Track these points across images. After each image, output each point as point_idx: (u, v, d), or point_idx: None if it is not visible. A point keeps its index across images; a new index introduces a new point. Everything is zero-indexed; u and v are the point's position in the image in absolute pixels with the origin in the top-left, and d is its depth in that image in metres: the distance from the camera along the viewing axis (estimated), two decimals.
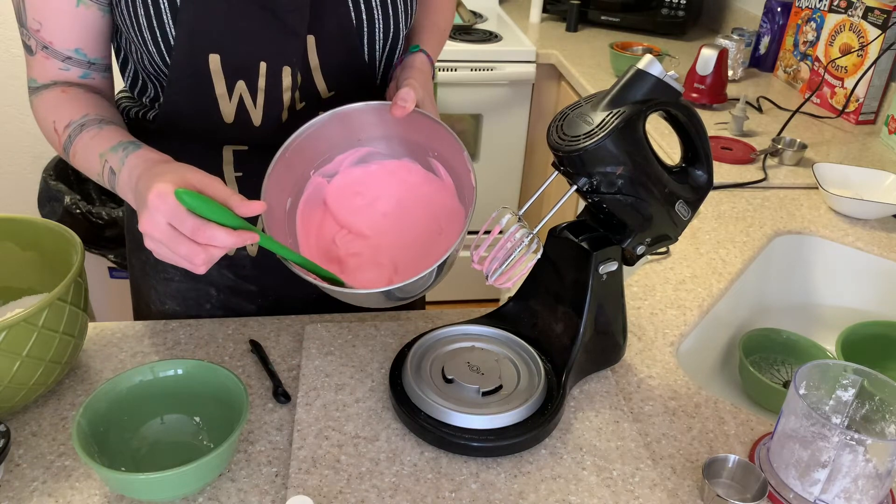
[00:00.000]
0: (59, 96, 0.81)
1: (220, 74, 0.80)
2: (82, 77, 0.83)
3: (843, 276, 1.22)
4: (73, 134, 0.78)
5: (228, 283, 0.97)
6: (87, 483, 0.69)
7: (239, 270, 0.96)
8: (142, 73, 0.85)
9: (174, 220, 0.62)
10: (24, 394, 0.73)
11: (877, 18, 1.59)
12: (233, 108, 0.82)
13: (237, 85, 0.81)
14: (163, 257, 0.65)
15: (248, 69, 0.80)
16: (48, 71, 0.82)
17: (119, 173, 0.73)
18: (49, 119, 0.80)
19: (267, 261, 0.95)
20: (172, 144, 0.81)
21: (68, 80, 0.83)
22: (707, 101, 1.73)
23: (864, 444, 0.64)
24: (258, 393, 0.81)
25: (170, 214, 0.62)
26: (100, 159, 0.75)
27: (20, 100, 2.13)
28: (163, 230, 0.62)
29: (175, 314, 0.99)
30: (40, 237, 0.83)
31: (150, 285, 0.99)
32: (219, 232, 0.62)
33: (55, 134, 0.80)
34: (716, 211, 1.25)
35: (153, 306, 1.00)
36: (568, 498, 0.70)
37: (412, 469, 0.72)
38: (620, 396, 0.83)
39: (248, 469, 0.71)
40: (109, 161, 0.74)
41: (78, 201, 1.95)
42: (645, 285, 1.03)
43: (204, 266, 0.64)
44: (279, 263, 0.74)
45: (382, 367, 0.85)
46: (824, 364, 0.74)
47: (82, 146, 0.77)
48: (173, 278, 0.97)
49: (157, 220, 0.62)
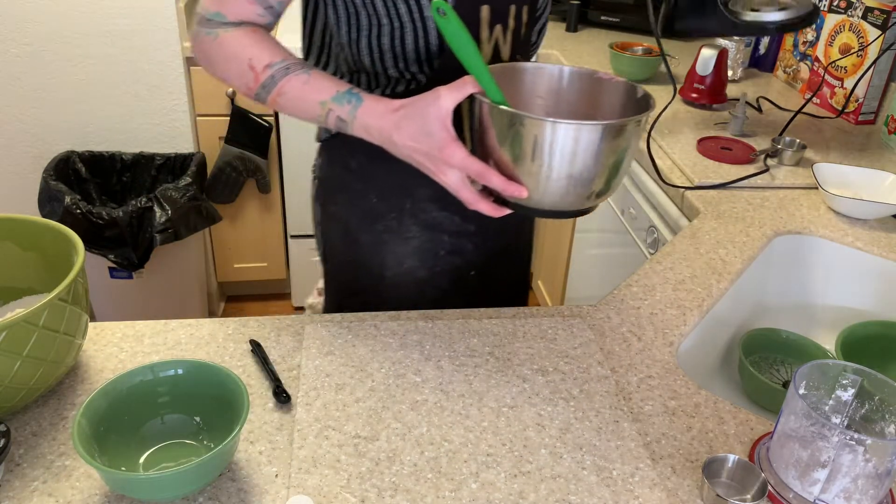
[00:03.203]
0: (252, 35, 0.87)
1: (486, 23, 0.92)
2: (267, 25, 0.90)
3: (843, 276, 1.22)
4: (276, 75, 0.85)
5: (456, 228, 1.07)
6: (88, 483, 0.69)
7: (465, 212, 1.03)
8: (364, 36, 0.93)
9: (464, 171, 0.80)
10: (25, 394, 0.73)
11: (876, 18, 1.59)
12: (489, 49, 0.95)
13: (496, 29, 0.93)
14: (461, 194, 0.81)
15: (504, 13, 0.93)
16: (244, 11, 0.87)
17: (351, 124, 0.84)
18: (244, 55, 0.86)
19: None
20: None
21: (257, 23, 0.89)
22: (707, 101, 1.73)
23: (863, 443, 0.64)
24: (258, 393, 0.81)
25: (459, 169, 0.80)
26: (321, 107, 0.85)
27: (20, 100, 2.13)
28: (455, 180, 0.80)
29: (413, 270, 1.08)
30: (40, 237, 0.83)
31: (388, 251, 1.07)
32: (493, 177, 0.78)
33: (249, 70, 0.86)
34: (716, 211, 1.25)
35: (388, 272, 1.08)
36: (568, 498, 0.70)
37: (412, 469, 0.72)
38: (620, 396, 0.83)
39: (248, 469, 0.71)
40: (336, 111, 0.84)
41: (78, 201, 1.95)
42: (645, 285, 1.03)
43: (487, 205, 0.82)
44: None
45: (382, 366, 0.85)
46: (824, 364, 0.74)
47: (292, 89, 0.85)
48: (414, 236, 1.06)
49: (451, 175, 0.80)
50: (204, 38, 0.89)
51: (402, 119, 0.80)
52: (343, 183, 1.06)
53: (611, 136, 0.76)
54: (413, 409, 0.79)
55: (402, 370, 0.85)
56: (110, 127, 2.22)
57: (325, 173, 1.09)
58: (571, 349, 0.90)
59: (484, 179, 0.79)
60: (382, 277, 1.09)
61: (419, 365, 0.86)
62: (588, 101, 0.91)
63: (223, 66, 0.88)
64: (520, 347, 0.90)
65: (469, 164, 0.79)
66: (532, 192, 0.80)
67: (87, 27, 2.07)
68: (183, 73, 2.17)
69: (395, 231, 1.06)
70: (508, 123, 0.77)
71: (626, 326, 0.95)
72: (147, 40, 2.12)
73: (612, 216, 1.71)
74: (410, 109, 0.79)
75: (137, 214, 1.99)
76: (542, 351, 0.89)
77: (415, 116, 0.79)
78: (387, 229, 1.06)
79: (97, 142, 2.23)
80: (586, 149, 0.76)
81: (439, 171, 0.81)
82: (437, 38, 0.91)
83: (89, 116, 2.19)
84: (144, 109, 2.21)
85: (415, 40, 0.91)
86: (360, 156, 1.02)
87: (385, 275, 1.09)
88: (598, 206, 0.87)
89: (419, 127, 0.79)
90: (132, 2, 2.06)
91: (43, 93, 2.14)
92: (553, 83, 0.91)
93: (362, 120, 0.83)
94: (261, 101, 0.88)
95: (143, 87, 2.18)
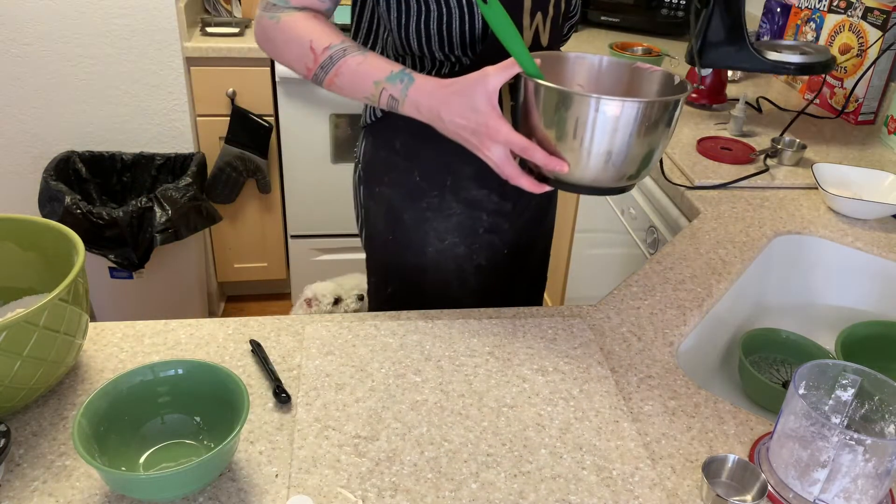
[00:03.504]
0: (312, 19, 0.93)
1: (528, 11, 0.97)
2: (326, 11, 0.96)
3: (843, 276, 1.22)
4: (335, 56, 0.90)
5: (494, 206, 1.12)
6: (88, 483, 0.69)
7: (502, 189, 1.11)
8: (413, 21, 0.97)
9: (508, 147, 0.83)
10: (25, 394, 0.73)
11: (876, 19, 1.59)
12: (530, 35, 0.99)
13: (536, 16, 0.98)
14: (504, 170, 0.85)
15: (545, 2, 0.98)
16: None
17: (403, 102, 0.88)
18: (306, 37, 0.91)
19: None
20: None
21: (317, 9, 0.95)
22: (707, 101, 1.73)
23: (863, 443, 0.64)
24: (258, 393, 0.81)
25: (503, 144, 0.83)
26: (375, 86, 0.89)
27: (20, 100, 2.13)
28: (499, 155, 0.84)
29: (454, 246, 1.14)
30: (41, 237, 0.83)
31: (430, 228, 1.13)
32: (537, 152, 0.82)
33: (310, 52, 0.91)
34: (715, 211, 1.25)
35: (430, 248, 1.14)
36: (568, 497, 0.70)
37: (412, 469, 0.72)
38: (620, 396, 0.83)
39: (248, 469, 0.71)
40: (388, 90, 0.88)
41: (78, 201, 1.95)
42: (645, 285, 1.03)
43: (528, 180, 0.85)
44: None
45: (382, 366, 0.85)
46: (824, 364, 0.74)
47: (349, 69, 0.90)
48: (455, 213, 1.11)
49: (496, 150, 0.84)
50: (267, 22, 0.94)
51: (450, 96, 0.83)
52: (388, 163, 1.11)
53: (651, 114, 0.80)
54: (413, 409, 0.79)
55: (402, 370, 0.85)
56: (110, 127, 2.22)
57: (369, 156, 1.14)
58: (571, 349, 0.90)
59: (527, 154, 0.83)
60: (424, 254, 1.14)
61: (419, 365, 0.86)
62: (626, 90, 0.94)
63: (284, 48, 0.93)
64: (520, 347, 0.90)
65: (514, 139, 0.82)
66: (573, 168, 0.83)
67: (87, 27, 2.07)
68: (183, 73, 2.17)
69: (436, 208, 1.11)
70: (553, 100, 0.81)
71: (626, 326, 0.95)
72: (147, 40, 2.12)
73: (612, 216, 1.71)
74: (459, 87, 0.83)
75: (137, 214, 1.99)
76: (542, 351, 0.89)
77: (463, 94, 0.82)
78: (429, 206, 1.12)
79: (97, 142, 2.23)
80: (627, 125, 0.80)
81: (484, 147, 0.84)
82: (482, 24, 0.95)
83: (89, 116, 2.20)
84: (144, 109, 2.21)
85: (461, 25, 0.95)
86: (405, 136, 1.07)
87: (427, 251, 1.14)
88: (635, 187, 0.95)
89: (467, 104, 0.82)
90: (132, 2, 2.06)
91: (43, 93, 2.14)
92: (592, 72, 0.95)
93: (413, 98, 0.86)
94: (318, 82, 0.93)
95: (143, 87, 2.18)
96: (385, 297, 1.22)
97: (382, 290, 1.22)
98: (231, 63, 2.19)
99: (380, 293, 1.23)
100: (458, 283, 1.17)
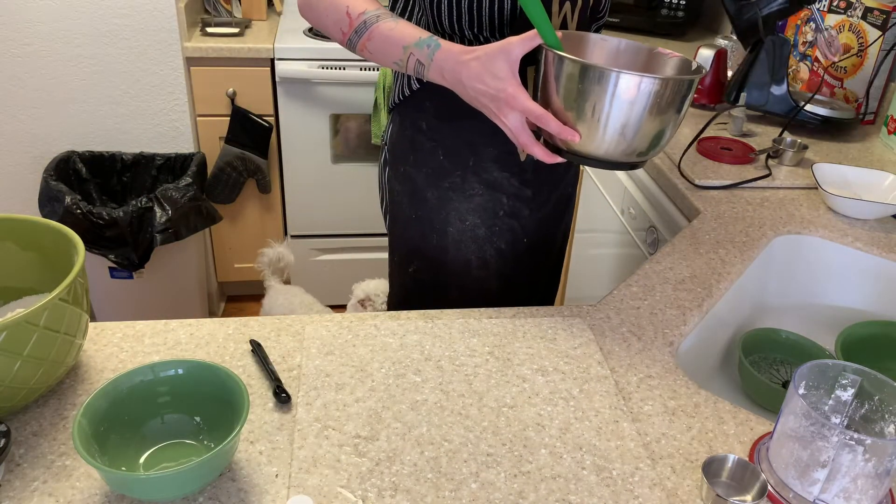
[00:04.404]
0: None
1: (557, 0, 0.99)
2: None
3: (843, 276, 1.22)
4: (368, 21, 0.94)
5: (514, 191, 1.15)
6: (88, 483, 0.69)
7: (523, 175, 1.14)
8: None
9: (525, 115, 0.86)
10: (25, 394, 0.73)
11: (876, 19, 1.59)
12: (558, 22, 1.01)
13: (565, 4, 1.00)
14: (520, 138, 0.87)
15: None
16: None
17: (428, 66, 0.90)
18: (342, 4, 0.96)
19: (541, 166, 1.15)
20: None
21: None
22: (706, 101, 1.73)
23: (863, 443, 0.64)
24: (258, 393, 0.81)
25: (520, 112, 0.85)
26: (404, 51, 0.92)
27: (21, 100, 2.14)
28: (515, 122, 0.86)
29: (474, 227, 1.16)
30: (41, 237, 0.83)
31: (452, 208, 1.15)
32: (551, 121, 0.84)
33: (346, 16, 0.96)
34: (715, 211, 1.25)
35: (451, 228, 1.16)
36: (568, 497, 0.70)
37: (412, 469, 0.72)
38: (620, 396, 0.83)
39: (248, 469, 0.71)
40: (416, 55, 0.91)
41: (78, 201, 1.95)
42: (645, 285, 1.03)
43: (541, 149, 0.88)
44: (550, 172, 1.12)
45: (382, 366, 0.85)
46: (824, 364, 0.74)
47: (380, 34, 0.93)
48: (476, 193, 1.14)
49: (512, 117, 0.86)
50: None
51: (473, 61, 0.86)
52: (414, 143, 1.15)
53: (665, 92, 0.82)
54: (413, 409, 0.79)
55: (402, 370, 0.85)
56: (110, 127, 2.22)
57: (396, 137, 1.18)
58: (571, 349, 0.90)
59: (542, 122, 0.85)
60: (446, 234, 1.17)
61: (419, 365, 0.86)
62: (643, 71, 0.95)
63: (322, 13, 0.98)
64: (520, 347, 0.90)
65: (530, 107, 0.85)
66: (586, 140, 0.86)
67: (87, 27, 2.07)
68: (183, 73, 2.17)
69: (459, 188, 1.14)
70: (569, 71, 0.83)
71: (625, 326, 0.95)
72: (147, 40, 2.12)
73: (612, 216, 1.71)
74: (482, 53, 0.86)
75: (138, 214, 1.99)
76: (542, 351, 0.89)
77: (486, 60, 0.85)
78: (452, 186, 1.14)
79: (97, 142, 2.23)
80: (641, 100, 0.82)
81: (501, 114, 0.87)
82: (511, 5, 0.97)
83: (89, 116, 2.20)
84: (144, 109, 2.21)
85: (491, 5, 0.97)
86: (430, 117, 1.11)
87: (448, 231, 1.17)
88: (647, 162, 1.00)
89: (488, 70, 0.85)
90: (132, 2, 2.06)
91: (43, 93, 2.14)
92: (611, 52, 0.97)
93: (438, 62, 0.89)
94: (352, 48, 0.97)
95: (143, 87, 2.18)
96: (408, 277, 1.24)
97: (405, 269, 1.24)
98: (231, 63, 2.19)
99: (402, 272, 1.25)
100: (479, 265, 1.19)
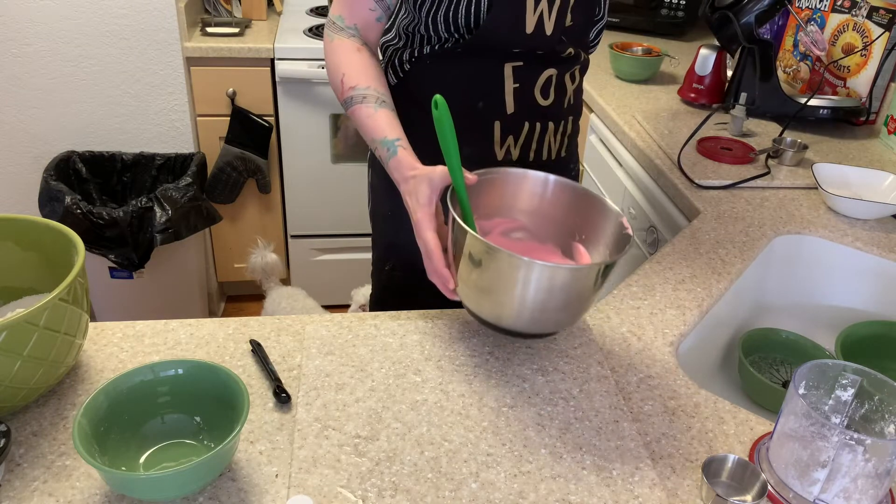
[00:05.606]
0: (354, 53, 1.04)
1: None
2: (377, 20, 1.05)
3: (843, 276, 1.22)
4: (355, 97, 1.00)
5: None
6: (88, 483, 0.69)
7: None
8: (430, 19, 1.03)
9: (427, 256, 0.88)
10: (25, 394, 0.73)
11: (882, 18, 1.59)
12: (534, 20, 1.01)
13: (541, 2, 1.00)
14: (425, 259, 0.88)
15: None
16: (357, 11, 1.04)
17: (386, 165, 0.96)
18: (340, 70, 1.03)
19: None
20: (466, 69, 1.05)
21: (367, 23, 1.04)
22: (706, 100, 1.73)
23: (863, 443, 0.64)
24: (258, 393, 0.81)
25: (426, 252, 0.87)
26: (372, 142, 0.98)
27: (21, 100, 2.13)
28: (423, 246, 0.87)
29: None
30: (41, 237, 0.83)
31: None
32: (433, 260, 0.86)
33: (340, 84, 1.02)
34: (715, 211, 1.25)
35: None
36: (568, 497, 0.70)
37: (412, 469, 0.72)
38: (620, 396, 0.83)
39: (248, 469, 0.71)
40: (379, 150, 0.97)
41: (78, 201, 1.95)
42: (644, 285, 1.03)
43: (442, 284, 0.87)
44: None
45: (382, 366, 0.85)
46: (824, 364, 0.74)
47: (360, 117, 1.00)
48: None
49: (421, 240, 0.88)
50: (326, 39, 1.07)
51: (411, 179, 0.91)
52: None
53: (541, 277, 0.77)
54: (413, 409, 0.79)
55: (402, 370, 0.85)
56: (110, 127, 2.22)
57: None
58: (571, 349, 0.90)
59: (425, 257, 0.87)
60: None
61: (419, 365, 0.86)
62: (566, 214, 0.92)
63: (329, 69, 1.05)
64: (520, 347, 0.90)
65: (425, 238, 0.87)
66: (462, 296, 0.85)
67: (87, 27, 2.07)
68: (183, 73, 2.17)
69: None
70: (456, 229, 0.82)
71: (626, 326, 0.95)
72: (147, 40, 2.12)
73: None
74: (420, 174, 0.90)
75: (138, 214, 1.99)
76: (542, 351, 0.89)
77: (416, 183, 0.89)
78: None
79: (97, 142, 2.23)
80: (516, 281, 0.77)
81: (415, 232, 0.89)
82: (485, 5, 1.00)
83: (89, 116, 2.20)
84: (144, 109, 2.21)
85: (467, 8, 1.01)
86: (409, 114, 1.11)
87: None
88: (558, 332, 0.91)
89: (415, 191, 0.89)
90: (132, 2, 2.06)
91: (43, 93, 2.14)
92: (536, 193, 0.93)
93: (391, 167, 0.95)
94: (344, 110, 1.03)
95: (143, 87, 2.18)
96: (385, 275, 1.25)
97: (382, 268, 1.25)
98: (231, 63, 2.19)
99: (380, 272, 1.26)
100: None
